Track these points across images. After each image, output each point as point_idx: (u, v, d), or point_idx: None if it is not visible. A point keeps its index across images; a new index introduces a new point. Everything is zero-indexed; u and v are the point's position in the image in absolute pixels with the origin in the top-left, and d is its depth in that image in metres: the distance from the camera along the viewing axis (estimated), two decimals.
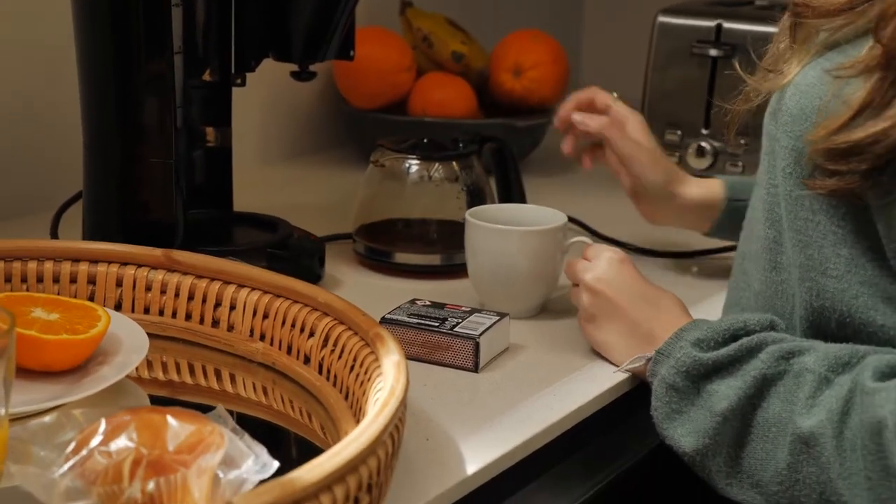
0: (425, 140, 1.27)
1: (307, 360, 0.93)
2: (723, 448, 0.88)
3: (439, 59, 1.69)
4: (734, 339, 0.89)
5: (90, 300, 0.98)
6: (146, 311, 1.00)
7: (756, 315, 0.91)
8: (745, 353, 0.88)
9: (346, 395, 0.87)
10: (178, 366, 0.98)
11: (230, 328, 0.98)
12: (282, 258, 1.13)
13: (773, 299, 0.93)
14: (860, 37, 0.85)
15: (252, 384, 0.96)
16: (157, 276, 1.00)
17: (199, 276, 1.00)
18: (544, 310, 1.14)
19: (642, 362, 0.96)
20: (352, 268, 1.25)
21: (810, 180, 0.86)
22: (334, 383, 0.89)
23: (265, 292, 0.97)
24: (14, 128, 1.34)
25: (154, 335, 0.96)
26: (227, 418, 0.74)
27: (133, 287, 1.01)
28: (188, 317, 0.99)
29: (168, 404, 0.74)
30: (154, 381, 0.96)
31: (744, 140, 1.46)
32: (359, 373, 0.85)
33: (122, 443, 0.68)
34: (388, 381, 0.78)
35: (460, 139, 1.28)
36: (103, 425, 0.69)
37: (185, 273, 1.00)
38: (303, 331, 0.93)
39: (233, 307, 0.98)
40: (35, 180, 1.36)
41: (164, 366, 0.98)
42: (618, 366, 1.00)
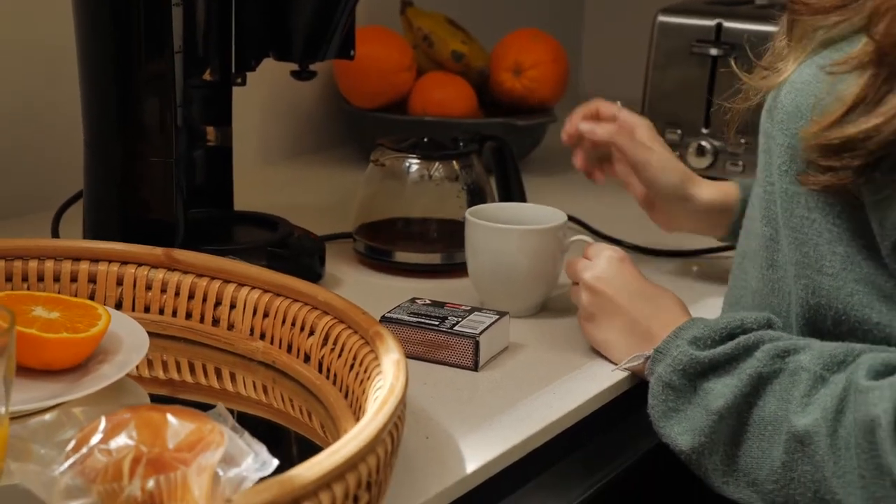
0: (425, 139, 1.28)
1: (307, 358, 0.93)
2: (719, 446, 0.88)
3: (439, 59, 1.69)
4: (731, 337, 0.89)
5: (90, 299, 0.98)
6: (146, 309, 1.01)
7: (753, 313, 0.91)
8: (741, 352, 0.88)
9: (345, 393, 0.87)
10: (178, 364, 0.98)
11: (230, 327, 0.98)
12: (282, 257, 1.13)
13: (769, 297, 0.93)
14: (855, 34, 0.85)
15: (252, 383, 0.96)
16: (158, 275, 1.01)
17: (200, 275, 1.00)
18: (544, 309, 1.14)
19: (641, 361, 0.96)
20: (352, 267, 1.25)
21: (803, 176, 0.86)
22: (334, 382, 0.89)
23: (265, 291, 0.97)
24: (15, 127, 1.34)
25: (154, 334, 0.96)
26: (227, 417, 0.75)
27: (133, 286, 1.01)
28: (188, 315, 1.00)
29: (168, 403, 0.74)
30: (154, 380, 0.96)
31: (744, 139, 1.46)
32: (358, 371, 0.86)
33: (122, 441, 0.68)
34: (387, 379, 0.78)
35: (460, 138, 1.28)
36: (103, 423, 0.69)
37: (185, 272, 1.00)
38: (303, 329, 0.93)
39: (233, 306, 0.98)
40: (36, 180, 1.36)
41: (165, 364, 0.98)
42: (617, 364, 1.00)
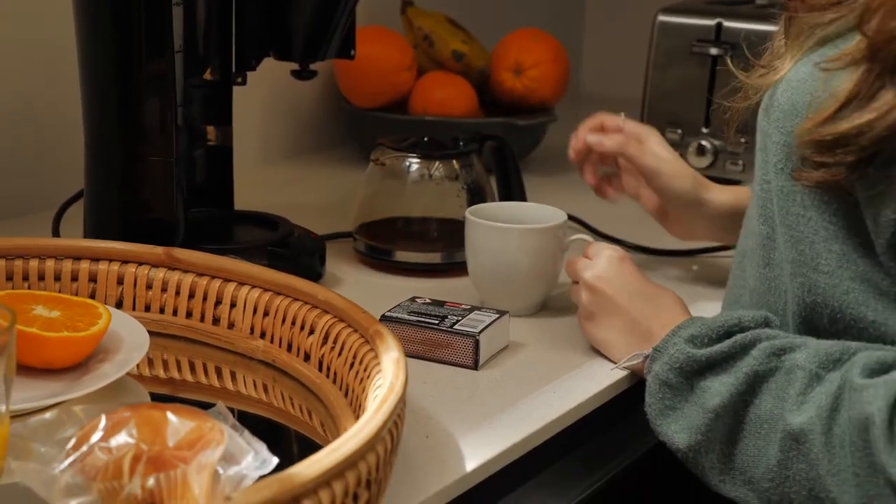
0: (425, 138, 1.28)
1: (307, 357, 0.93)
2: (715, 445, 0.88)
3: (440, 59, 1.69)
4: (728, 335, 0.89)
5: (91, 298, 0.98)
6: (147, 308, 1.01)
7: (751, 312, 0.91)
8: (738, 350, 0.88)
9: (345, 392, 0.87)
10: (178, 363, 0.99)
11: (231, 326, 0.98)
12: (282, 256, 1.14)
13: (766, 295, 0.93)
14: (850, 31, 0.85)
15: (252, 382, 0.96)
16: (158, 274, 1.01)
17: (200, 274, 1.00)
18: (544, 308, 1.14)
19: (640, 359, 0.96)
20: (352, 266, 1.25)
21: (797, 172, 0.86)
22: (334, 380, 0.89)
23: (265, 290, 0.97)
24: (15, 127, 1.35)
25: (155, 333, 0.96)
26: (227, 415, 0.75)
27: (134, 285, 1.01)
28: (189, 315, 1.00)
29: (169, 402, 0.74)
30: (155, 379, 0.96)
31: (744, 138, 1.46)
32: (358, 370, 0.86)
33: (122, 439, 0.68)
34: (387, 377, 0.78)
35: (460, 138, 1.28)
36: (103, 421, 0.69)
37: (185, 271, 1.00)
38: (303, 328, 0.94)
39: (233, 305, 0.98)
40: (36, 179, 1.36)
41: (165, 363, 0.98)
42: (616, 364, 1.00)
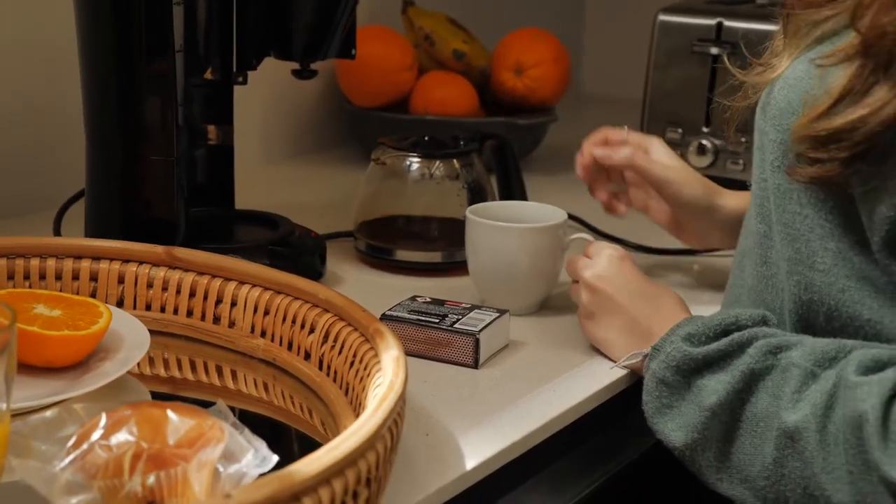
0: (426, 138, 1.28)
1: (308, 356, 0.93)
2: (712, 443, 0.88)
3: (441, 58, 1.69)
4: (725, 333, 0.89)
5: (92, 297, 0.98)
6: (148, 307, 1.01)
7: (748, 310, 0.91)
8: (735, 348, 0.88)
9: (346, 390, 0.88)
10: (179, 362, 0.99)
11: (231, 325, 0.98)
12: (283, 255, 1.14)
13: (763, 294, 0.93)
14: (847, 28, 0.85)
15: (253, 380, 0.96)
16: (159, 273, 1.01)
17: (201, 273, 1.00)
18: (544, 306, 1.14)
19: (639, 358, 0.96)
20: (353, 265, 1.25)
21: (792, 168, 0.86)
22: (334, 379, 0.90)
23: (266, 289, 0.97)
24: (16, 127, 1.35)
25: (155, 332, 0.96)
26: (228, 413, 0.75)
27: (135, 284, 1.01)
28: (189, 313, 1.00)
29: (169, 400, 0.75)
30: (155, 378, 0.96)
31: (744, 138, 1.46)
32: (358, 369, 0.86)
33: (122, 437, 0.68)
34: (387, 376, 0.78)
35: (461, 137, 1.28)
36: (104, 419, 0.70)
37: (186, 270, 1.00)
38: (303, 327, 0.94)
39: (234, 304, 0.98)
40: (37, 179, 1.36)
41: (166, 362, 0.99)
42: (616, 363, 1.00)
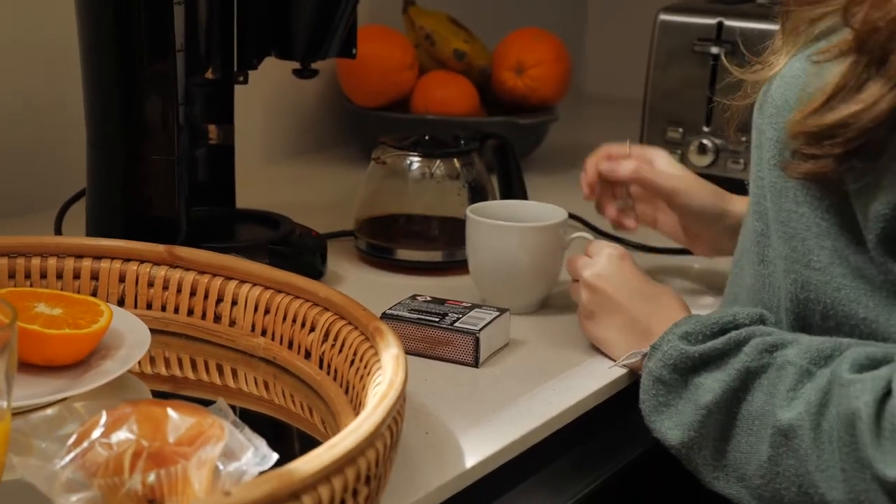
0: (427, 137, 1.28)
1: (308, 354, 0.93)
2: (708, 441, 0.88)
3: (441, 58, 1.70)
4: (723, 332, 0.89)
5: (93, 296, 0.98)
6: (149, 306, 1.01)
7: (746, 309, 0.91)
8: (732, 347, 0.88)
9: (346, 389, 0.88)
10: (180, 361, 0.99)
11: (232, 324, 0.99)
12: (283, 254, 1.14)
13: (761, 292, 0.93)
14: (843, 25, 0.85)
15: (253, 379, 0.96)
16: (160, 272, 1.01)
17: (202, 272, 1.00)
18: (545, 305, 1.14)
19: (639, 358, 0.96)
20: (353, 264, 1.25)
21: (786, 164, 0.86)
22: (335, 378, 0.90)
23: (266, 288, 0.97)
24: (17, 127, 1.35)
25: (156, 331, 0.96)
26: (228, 411, 0.75)
27: (136, 283, 1.01)
28: (190, 312, 1.00)
29: (170, 399, 0.75)
30: (156, 377, 0.97)
31: (745, 137, 1.46)
32: (359, 367, 0.86)
33: (122, 435, 0.68)
34: (386, 374, 0.78)
35: (461, 136, 1.28)
36: (104, 417, 0.70)
37: (187, 269, 1.01)
38: (304, 326, 0.94)
39: (234, 303, 0.98)
40: (38, 178, 1.36)
41: (167, 361, 0.99)
42: (615, 362, 1.00)
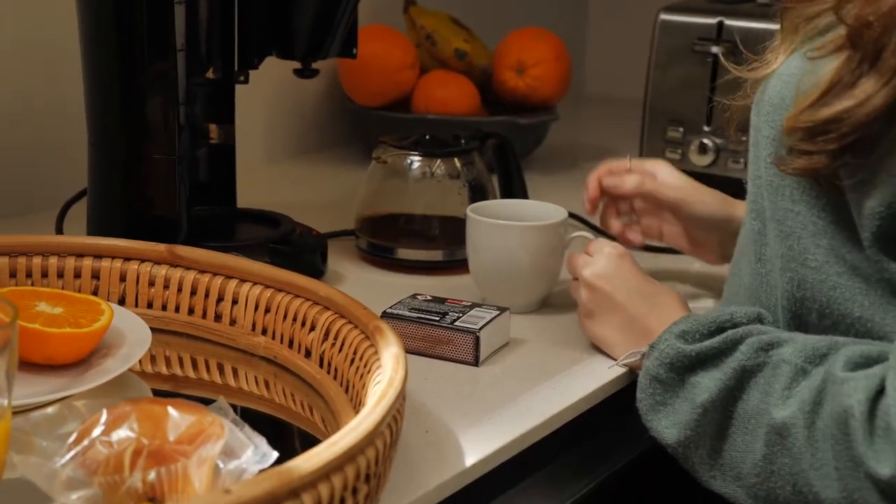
0: (427, 136, 1.28)
1: (308, 353, 0.93)
2: (705, 440, 0.88)
3: (442, 57, 1.70)
4: (720, 331, 0.89)
5: (94, 295, 0.98)
6: (149, 305, 1.01)
7: (743, 308, 0.91)
8: (728, 346, 0.88)
9: (346, 387, 0.88)
10: (181, 360, 0.99)
11: (232, 323, 0.99)
12: (284, 254, 1.14)
13: (758, 291, 0.93)
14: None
15: (254, 378, 0.96)
16: (161, 272, 1.01)
17: (202, 272, 1.00)
18: (545, 304, 1.15)
19: (638, 357, 0.96)
20: (354, 263, 1.25)
21: (781, 160, 0.86)
22: (335, 376, 0.90)
23: (267, 287, 0.97)
24: (18, 127, 1.35)
25: (157, 330, 0.96)
26: (228, 410, 0.75)
27: (136, 282, 1.01)
28: (191, 311, 1.00)
29: (171, 398, 0.75)
30: (157, 376, 0.97)
31: (745, 137, 1.46)
32: (359, 366, 0.86)
33: (123, 433, 0.68)
34: (386, 373, 0.78)
35: (462, 136, 1.28)
36: (105, 416, 0.70)
37: (188, 268, 1.01)
38: (304, 325, 0.94)
39: (235, 302, 0.99)
40: (39, 178, 1.37)
41: (168, 360, 0.99)
42: (615, 361, 1.00)
